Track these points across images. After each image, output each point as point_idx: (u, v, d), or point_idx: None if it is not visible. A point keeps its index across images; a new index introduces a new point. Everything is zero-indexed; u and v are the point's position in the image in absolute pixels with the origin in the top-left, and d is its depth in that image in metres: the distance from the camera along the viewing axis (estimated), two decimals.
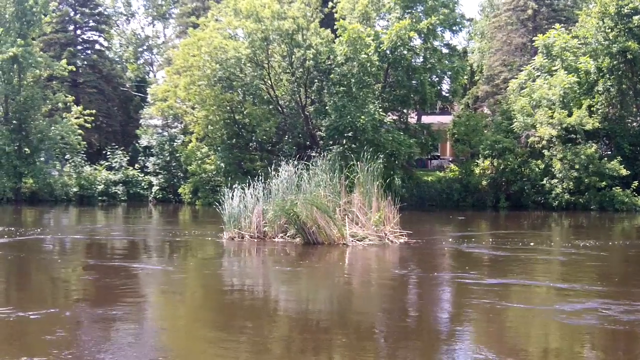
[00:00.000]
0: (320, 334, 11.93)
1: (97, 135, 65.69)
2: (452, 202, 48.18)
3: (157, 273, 18.92)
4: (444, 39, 51.92)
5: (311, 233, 23.35)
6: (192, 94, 49.45)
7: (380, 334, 12.24)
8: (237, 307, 14.24)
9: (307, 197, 23.76)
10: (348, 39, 46.13)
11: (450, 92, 53.85)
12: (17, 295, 15.63)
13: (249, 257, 22.99)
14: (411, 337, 11.96)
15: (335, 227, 23.46)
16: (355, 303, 15.09)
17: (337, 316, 13.60)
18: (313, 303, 15.11)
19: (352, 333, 11.94)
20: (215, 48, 47.80)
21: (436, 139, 53.29)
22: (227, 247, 24.34)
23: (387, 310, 14.15)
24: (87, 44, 71.38)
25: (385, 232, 24.45)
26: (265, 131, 48.02)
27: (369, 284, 17.99)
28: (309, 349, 10.92)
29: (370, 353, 10.72)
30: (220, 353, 10.77)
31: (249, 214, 25.13)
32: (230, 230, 25.54)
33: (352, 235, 23.83)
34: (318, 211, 23.26)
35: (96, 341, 11.11)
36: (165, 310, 14.31)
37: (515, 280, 17.65)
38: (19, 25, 50.97)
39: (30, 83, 52.68)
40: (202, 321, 13.10)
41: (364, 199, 25.08)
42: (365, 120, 44.82)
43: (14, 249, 22.84)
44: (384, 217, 25.10)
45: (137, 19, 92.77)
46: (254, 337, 11.63)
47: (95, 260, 21.01)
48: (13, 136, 50.87)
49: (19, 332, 11.76)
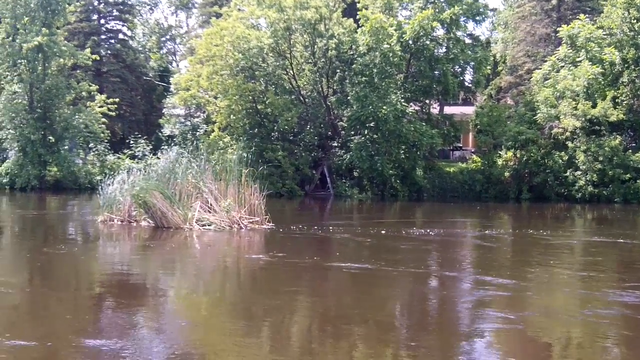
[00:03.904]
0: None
1: (121, 124, 65.95)
2: (474, 193, 47.92)
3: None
4: (467, 29, 51.69)
5: (157, 217, 24.03)
6: (214, 84, 49.52)
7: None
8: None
9: (151, 183, 24.48)
10: (370, 29, 46.04)
11: (473, 83, 53.65)
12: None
13: (85, 240, 24.04)
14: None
15: (176, 213, 24.03)
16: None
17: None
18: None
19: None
20: (238, 38, 47.83)
21: (458, 129, 53.12)
22: (87, 230, 26.04)
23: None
24: (111, 33, 71.68)
25: (236, 219, 24.75)
26: (287, 121, 48.04)
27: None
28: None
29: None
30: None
31: (120, 197, 25.61)
32: (103, 214, 26.04)
33: (199, 220, 24.33)
34: (161, 197, 23.94)
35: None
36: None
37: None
38: (44, 15, 51.12)
39: (54, 72, 52.90)
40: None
41: (224, 186, 25.46)
42: (387, 110, 44.74)
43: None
44: (249, 204, 25.55)
45: (161, 9, 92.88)
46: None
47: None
48: (38, 125, 51.11)
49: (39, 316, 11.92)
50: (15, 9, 49.94)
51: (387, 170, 46.12)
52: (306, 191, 49.28)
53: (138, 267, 18.48)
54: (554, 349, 10.94)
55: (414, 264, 18.26)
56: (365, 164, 46.15)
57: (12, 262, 19.15)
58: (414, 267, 17.79)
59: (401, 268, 17.59)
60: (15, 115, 50.79)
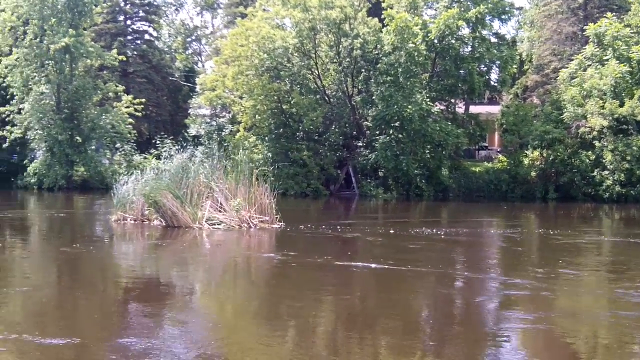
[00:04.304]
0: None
1: (147, 125, 66.19)
2: (500, 193, 47.65)
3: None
4: (493, 28, 51.46)
5: (168, 217, 24.32)
6: (240, 84, 49.66)
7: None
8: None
9: (161, 183, 24.75)
10: (395, 28, 45.96)
11: (498, 82, 53.37)
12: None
13: (99, 240, 24.41)
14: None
15: (186, 212, 24.30)
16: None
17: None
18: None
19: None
20: (263, 38, 47.95)
21: (484, 129, 52.87)
22: (101, 229, 26.46)
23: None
24: (137, 34, 72.02)
25: (246, 218, 24.85)
26: (312, 121, 48.11)
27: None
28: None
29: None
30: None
31: (134, 197, 25.87)
32: (117, 213, 26.31)
33: (209, 220, 24.50)
34: (171, 196, 24.21)
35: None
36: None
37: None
38: (71, 16, 51.50)
39: (81, 73, 53.26)
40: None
41: (235, 186, 25.52)
42: (412, 110, 44.65)
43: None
44: (258, 203, 25.52)
45: (186, 9, 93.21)
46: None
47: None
48: (65, 125, 51.48)
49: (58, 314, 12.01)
50: (42, 10, 50.31)
51: (413, 169, 46.03)
52: (331, 191, 49.29)
53: (154, 267, 18.66)
54: (580, 351, 10.86)
55: (439, 264, 18.20)
56: (390, 163, 46.08)
57: (33, 261, 19.36)
58: (439, 267, 17.72)
59: (423, 268, 17.52)
60: (42, 115, 51.19)
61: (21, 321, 11.86)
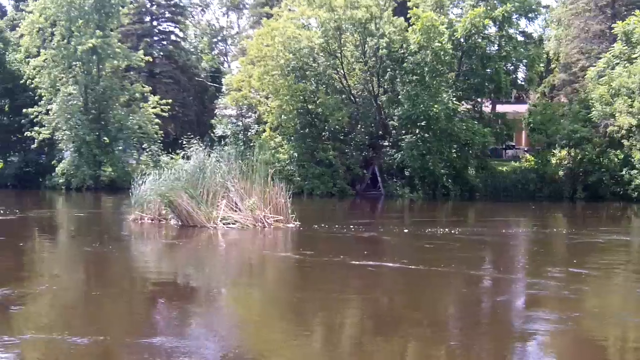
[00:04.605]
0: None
1: (173, 125, 66.42)
2: (527, 192, 47.29)
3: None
4: (520, 26, 51.20)
5: (183, 216, 24.48)
6: (265, 84, 49.77)
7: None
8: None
9: (177, 183, 24.90)
10: (421, 28, 45.83)
11: (525, 81, 53.11)
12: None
13: (116, 239, 24.30)
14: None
15: (201, 212, 24.40)
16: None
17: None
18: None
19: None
20: (289, 38, 48.03)
21: (511, 128, 52.53)
22: (118, 228, 26.99)
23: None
24: (163, 34, 72.33)
25: (260, 217, 24.83)
26: (338, 121, 48.14)
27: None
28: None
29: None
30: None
31: (151, 197, 25.91)
32: (134, 213, 26.48)
33: (224, 219, 24.58)
34: (187, 196, 24.35)
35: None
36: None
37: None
38: (98, 17, 51.92)
39: (108, 74, 53.71)
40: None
41: (250, 185, 25.56)
42: (438, 109, 44.51)
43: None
44: (273, 203, 25.50)
45: (212, 10, 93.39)
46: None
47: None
48: (92, 126, 51.89)
49: (95, 315, 12.06)
50: (70, 11, 50.77)
51: (439, 169, 45.91)
52: (357, 191, 49.24)
53: (173, 266, 18.77)
54: (608, 352, 10.73)
55: (463, 264, 18.07)
56: (416, 163, 45.97)
57: (54, 260, 19.52)
58: (464, 267, 17.59)
59: (447, 268, 17.37)
60: (70, 116, 51.62)
61: (49, 320, 11.91)
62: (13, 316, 12.04)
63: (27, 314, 12.30)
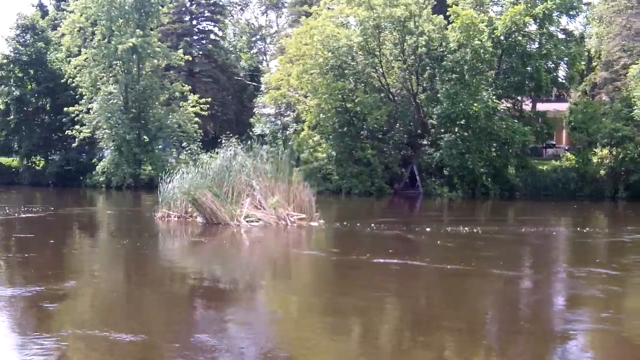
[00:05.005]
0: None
1: (212, 124, 66.74)
2: (568, 192, 46.82)
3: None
4: (560, 24, 50.72)
5: (207, 214, 24.78)
6: (304, 83, 49.84)
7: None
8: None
9: (201, 181, 25.25)
10: (461, 25, 45.61)
11: (566, 79, 52.59)
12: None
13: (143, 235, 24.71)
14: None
15: (225, 209, 24.68)
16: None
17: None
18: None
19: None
20: (328, 36, 48.07)
21: (552, 127, 51.98)
22: (146, 225, 27.28)
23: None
24: (203, 34, 72.68)
25: (283, 215, 24.97)
26: (376, 119, 48.07)
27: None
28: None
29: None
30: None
31: (178, 195, 26.23)
32: (161, 210, 26.79)
33: (247, 217, 24.78)
34: (210, 194, 24.64)
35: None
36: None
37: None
38: (138, 17, 52.30)
39: (148, 73, 54.05)
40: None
41: (274, 184, 25.75)
42: (478, 107, 44.24)
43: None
44: (297, 201, 25.75)
45: (251, 9, 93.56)
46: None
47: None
48: (133, 124, 52.28)
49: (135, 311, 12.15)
50: (110, 11, 51.18)
51: (478, 168, 45.64)
52: (395, 190, 49.09)
53: (200, 263, 18.90)
54: None
55: (502, 263, 17.96)
56: (455, 162, 45.72)
57: (84, 257, 19.72)
58: (502, 266, 17.48)
59: (485, 267, 17.28)
60: (111, 115, 52.03)
61: (88, 317, 12.00)
62: (49, 314, 12.14)
63: (64, 311, 12.39)
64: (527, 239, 24.04)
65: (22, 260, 18.02)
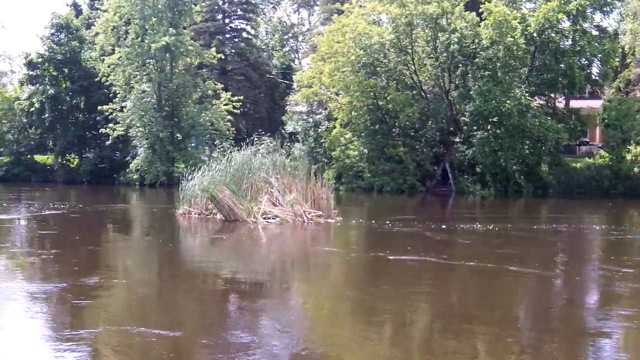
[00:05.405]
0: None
1: (245, 122, 67.01)
2: (601, 189, 46.47)
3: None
4: (594, 20, 50.28)
5: (225, 211, 25.12)
6: (336, 80, 49.88)
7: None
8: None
9: (219, 179, 25.62)
10: (494, 22, 45.43)
11: (600, 76, 52.15)
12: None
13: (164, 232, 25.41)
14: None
15: (242, 206, 24.95)
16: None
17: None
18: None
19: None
20: (360, 34, 48.08)
21: (585, 124, 51.63)
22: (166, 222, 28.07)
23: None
24: (235, 32, 72.95)
25: (300, 212, 25.14)
26: (408, 117, 47.96)
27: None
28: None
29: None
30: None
31: (198, 192, 26.51)
32: (182, 207, 27.22)
33: (264, 214, 25.11)
34: (228, 191, 24.92)
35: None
36: None
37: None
38: (171, 15, 52.62)
39: (181, 71, 54.35)
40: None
41: (292, 181, 26.01)
42: (511, 105, 44.04)
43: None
44: (315, 198, 25.91)
45: (283, 7, 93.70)
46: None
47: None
48: (166, 122, 52.61)
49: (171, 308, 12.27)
50: (143, 10, 51.54)
51: (511, 166, 45.46)
52: (427, 187, 49.01)
53: (219, 259, 19.18)
54: None
55: (534, 262, 17.90)
56: (488, 159, 45.55)
57: (107, 253, 19.93)
58: (534, 265, 17.42)
59: (517, 266, 17.23)
60: (144, 113, 52.44)
61: (119, 313, 12.10)
62: (80, 310, 12.26)
63: (94, 307, 12.49)
64: (559, 237, 23.93)
65: (47, 256, 18.23)
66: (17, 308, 12.15)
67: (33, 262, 17.26)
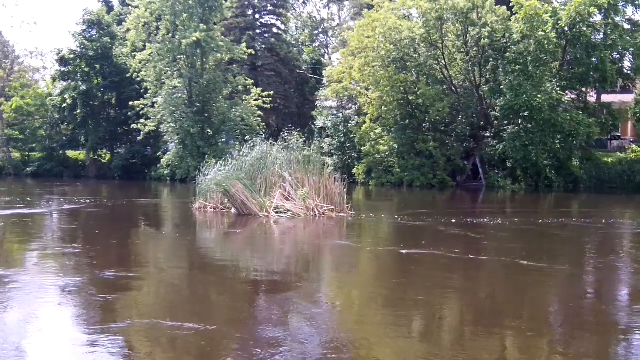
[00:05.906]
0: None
1: (275, 117, 67.14)
2: (634, 184, 46.16)
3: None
4: (626, 14, 49.84)
5: (238, 205, 25.37)
6: (366, 75, 49.93)
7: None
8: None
9: (236, 173, 25.80)
10: (525, 16, 45.26)
11: (632, 70, 51.65)
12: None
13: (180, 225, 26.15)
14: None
15: (255, 201, 25.15)
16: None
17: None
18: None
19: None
20: (390, 29, 48.05)
21: (617, 118, 51.21)
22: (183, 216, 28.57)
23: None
24: (265, 27, 73.02)
25: (312, 206, 25.29)
26: (439, 111, 47.91)
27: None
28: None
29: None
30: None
31: (214, 187, 26.68)
32: (198, 201, 27.52)
33: (276, 208, 25.19)
34: (241, 186, 25.15)
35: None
36: None
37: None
38: (202, 11, 52.84)
39: (212, 67, 54.55)
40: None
41: (305, 175, 26.06)
42: (541, 99, 43.84)
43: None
44: (328, 193, 25.98)
45: (313, 2, 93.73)
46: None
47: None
48: (197, 118, 52.87)
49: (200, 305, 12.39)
50: (174, 6, 51.82)
51: (542, 160, 45.26)
52: (457, 182, 48.95)
53: (232, 252, 19.26)
54: None
55: (563, 258, 17.85)
56: (518, 154, 45.39)
57: (129, 247, 20.08)
58: (563, 261, 17.37)
59: (544, 263, 17.18)
60: (175, 109, 52.74)
61: (148, 307, 12.16)
62: (108, 303, 12.36)
63: (122, 300, 12.53)
64: (591, 232, 23.80)
65: (69, 250, 18.35)
66: (49, 301, 12.23)
67: (55, 256, 17.40)
